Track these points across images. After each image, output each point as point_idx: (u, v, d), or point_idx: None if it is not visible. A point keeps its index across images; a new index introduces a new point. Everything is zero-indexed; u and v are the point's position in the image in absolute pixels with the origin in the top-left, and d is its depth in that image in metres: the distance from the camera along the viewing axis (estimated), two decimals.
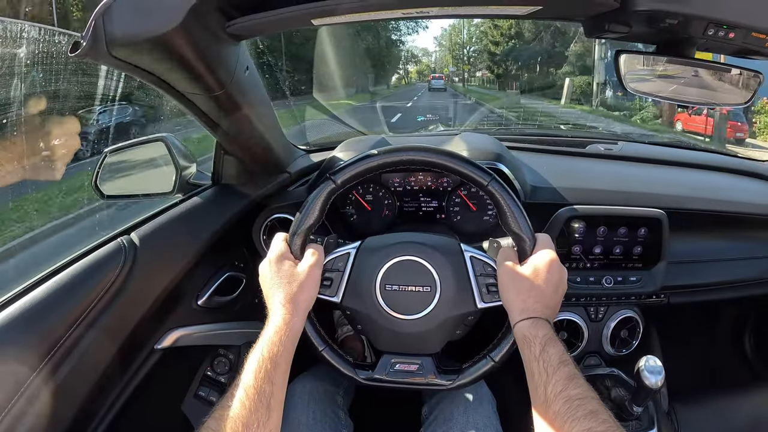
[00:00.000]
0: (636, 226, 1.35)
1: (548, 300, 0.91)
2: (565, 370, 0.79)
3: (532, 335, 0.85)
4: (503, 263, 0.95)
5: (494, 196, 0.97)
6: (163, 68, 0.86)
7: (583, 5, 0.86)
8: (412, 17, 0.94)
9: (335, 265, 1.01)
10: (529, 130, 2.06)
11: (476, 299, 0.98)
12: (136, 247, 1.10)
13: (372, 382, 1.01)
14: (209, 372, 1.37)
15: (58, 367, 0.91)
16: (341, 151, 1.45)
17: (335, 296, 1.00)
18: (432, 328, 0.98)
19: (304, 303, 0.94)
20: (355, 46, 47.91)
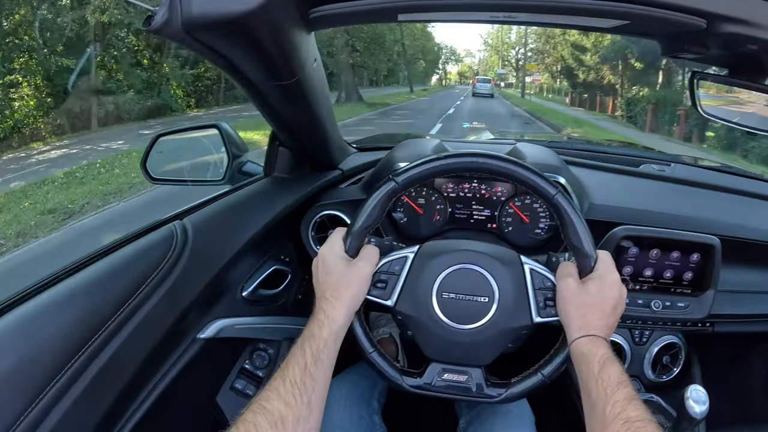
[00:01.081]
0: (689, 251, 1.33)
1: (607, 319, 0.89)
2: (624, 391, 0.77)
3: (591, 353, 0.84)
4: (563, 278, 0.93)
5: (559, 209, 0.94)
6: (237, 53, 0.85)
7: (670, 23, 0.83)
8: (499, 21, 0.92)
9: (391, 267, 0.99)
10: (580, 145, 2.03)
11: (533, 313, 0.95)
12: (187, 234, 1.08)
13: (419, 390, 0.98)
14: (247, 365, 1.35)
15: (102, 349, 0.90)
16: (399, 152, 1.43)
17: (389, 299, 0.97)
18: (485, 339, 0.96)
19: (351, 300, 0.92)
20: (388, 41, 47.96)
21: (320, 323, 0.87)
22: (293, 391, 0.78)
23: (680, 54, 1.02)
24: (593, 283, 0.91)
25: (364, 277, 0.94)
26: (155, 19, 0.71)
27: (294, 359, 0.82)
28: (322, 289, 0.93)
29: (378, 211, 0.96)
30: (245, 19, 0.71)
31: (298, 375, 0.80)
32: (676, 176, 1.66)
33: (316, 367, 0.82)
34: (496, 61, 64.19)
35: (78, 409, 0.83)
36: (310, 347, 0.84)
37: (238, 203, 1.24)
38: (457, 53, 77.85)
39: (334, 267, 0.93)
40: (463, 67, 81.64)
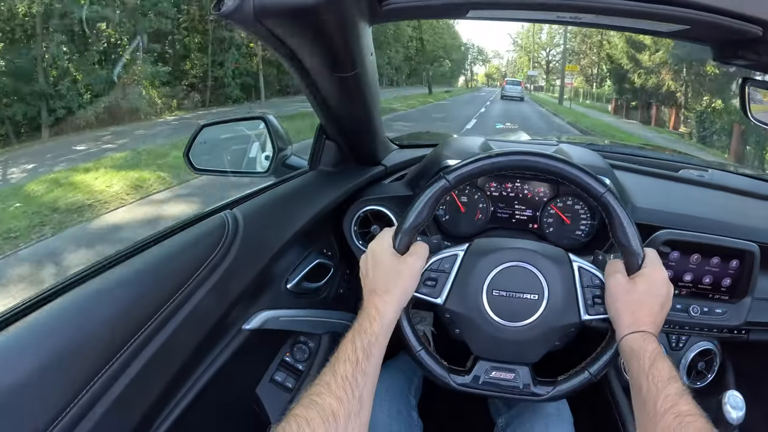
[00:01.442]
0: (729, 258, 1.33)
1: (655, 316, 0.90)
2: (675, 386, 0.77)
3: (641, 349, 0.84)
4: (612, 274, 0.94)
5: (608, 207, 0.95)
6: (302, 42, 0.85)
7: (727, 30, 0.84)
8: (565, 21, 0.92)
9: (441, 265, 0.99)
10: (619, 148, 2.03)
11: (581, 311, 0.96)
12: (238, 223, 1.09)
13: (466, 388, 0.99)
14: (288, 357, 1.35)
15: (154, 336, 0.90)
16: (446, 150, 1.43)
17: (438, 297, 0.98)
18: (534, 337, 0.96)
19: (401, 294, 0.92)
20: (404, 35, 46.71)
21: (371, 318, 0.88)
22: (344, 386, 0.78)
23: (732, 60, 1.03)
24: (642, 280, 0.91)
25: (415, 272, 0.94)
26: (226, 4, 0.70)
27: (345, 354, 0.82)
28: (372, 283, 0.93)
29: (428, 209, 0.97)
30: (317, 9, 0.72)
31: (349, 370, 0.80)
32: (715, 182, 1.66)
33: (367, 362, 0.82)
34: (526, 62, 61.37)
35: (127, 395, 0.84)
36: (361, 342, 0.84)
37: (286, 195, 1.25)
38: (484, 53, 74.67)
39: (384, 262, 0.94)
40: (490, 69, 78.44)
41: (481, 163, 0.97)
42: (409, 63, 45.23)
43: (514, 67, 71.94)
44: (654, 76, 23.60)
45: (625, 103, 28.51)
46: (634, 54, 24.72)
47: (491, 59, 79.79)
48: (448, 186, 0.97)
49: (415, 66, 52.10)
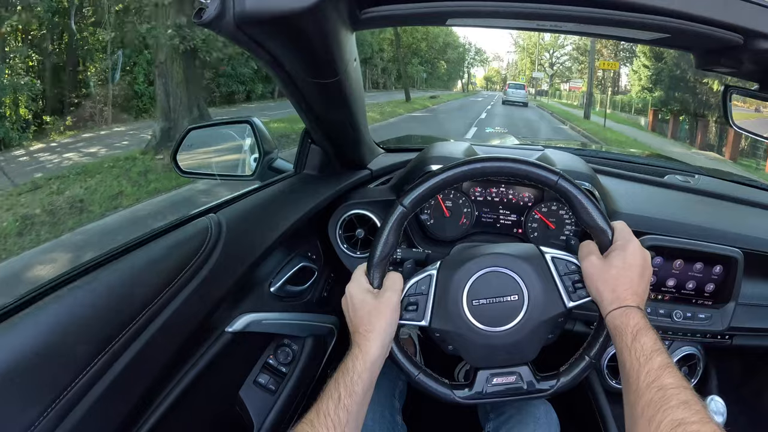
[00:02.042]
0: (712, 263, 1.34)
1: (636, 287, 0.90)
2: (658, 360, 0.77)
3: (623, 324, 0.84)
4: (586, 257, 0.95)
5: (565, 192, 0.96)
6: (284, 50, 0.85)
7: (708, 38, 0.85)
8: (546, 29, 0.93)
9: (419, 288, 1.00)
10: (606, 153, 2.04)
11: (564, 299, 0.96)
12: (221, 227, 1.09)
13: (472, 401, 0.99)
14: (271, 360, 1.36)
15: (134, 339, 0.90)
16: (431, 154, 1.44)
17: (423, 320, 0.98)
18: (525, 336, 0.97)
19: (383, 331, 0.93)
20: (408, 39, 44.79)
21: (354, 357, 0.89)
22: (326, 423, 0.79)
23: (714, 68, 1.04)
24: (615, 255, 0.92)
25: (394, 306, 0.95)
26: (207, 12, 0.71)
27: (328, 392, 0.84)
28: (355, 324, 0.94)
29: (393, 238, 0.97)
30: (298, 16, 0.72)
31: (331, 407, 0.81)
32: (700, 188, 1.66)
33: (350, 399, 0.83)
34: (528, 64, 57.28)
35: (107, 399, 0.84)
36: (344, 380, 0.85)
37: (270, 199, 1.25)
38: (482, 53, 68.06)
39: (363, 302, 0.95)
40: (490, 71, 73.33)
41: (431, 181, 0.98)
42: (397, 64, 41.94)
43: (515, 70, 67.03)
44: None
45: (673, 116, 21.39)
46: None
47: (491, 61, 73.99)
48: (406, 212, 0.98)
49: (406, 69, 44.95)
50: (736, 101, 1.15)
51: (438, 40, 52.63)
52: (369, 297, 0.95)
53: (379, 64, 37.63)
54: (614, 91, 39.22)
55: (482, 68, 73.26)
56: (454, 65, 58.82)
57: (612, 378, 1.44)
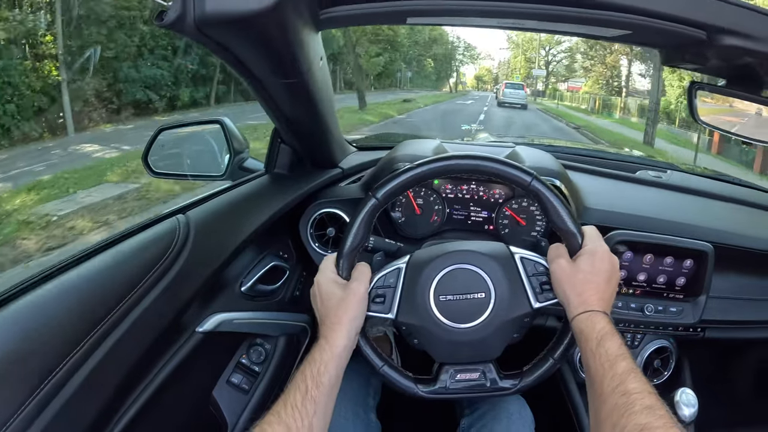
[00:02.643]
0: (682, 257, 1.35)
1: (602, 292, 0.90)
2: (622, 365, 0.78)
3: (588, 329, 0.85)
4: (554, 260, 0.95)
5: (537, 194, 0.96)
6: (246, 50, 0.85)
7: (671, 35, 0.85)
8: (508, 27, 0.93)
9: (386, 281, 1.00)
10: (579, 149, 2.04)
11: (531, 300, 0.97)
12: (189, 227, 1.09)
13: (435, 395, 0.99)
14: (244, 359, 1.36)
15: (102, 340, 0.90)
16: (400, 152, 1.44)
17: (389, 312, 0.99)
18: (490, 334, 0.97)
19: (350, 322, 0.93)
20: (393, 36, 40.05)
21: (321, 348, 0.89)
22: (294, 414, 0.79)
23: (680, 64, 1.05)
24: (584, 260, 0.93)
25: (361, 297, 0.95)
26: (168, 15, 0.71)
27: (295, 384, 0.84)
28: (322, 315, 0.95)
29: (363, 229, 0.98)
30: (258, 17, 0.72)
31: (299, 399, 0.81)
32: (672, 183, 1.68)
33: (317, 390, 0.83)
34: (522, 62, 52.96)
35: (76, 401, 0.84)
36: (311, 371, 0.85)
37: (240, 199, 1.25)
38: (472, 49, 60.90)
39: (331, 293, 0.95)
40: (481, 70, 67.94)
41: (405, 175, 0.98)
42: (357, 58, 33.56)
43: (507, 69, 61.25)
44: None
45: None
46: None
47: (482, 59, 67.99)
48: (378, 204, 0.98)
49: (388, 65, 41.56)
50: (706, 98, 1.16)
51: (423, 34, 47.14)
52: (337, 288, 0.96)
53: (352, 61, 32.15)
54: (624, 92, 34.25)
55: (473, 66, 65.91)
56: (441, 63, 53.43)
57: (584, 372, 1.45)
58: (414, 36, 45.49)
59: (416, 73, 51.42)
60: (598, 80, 37.80)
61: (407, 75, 47.63)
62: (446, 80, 53.70)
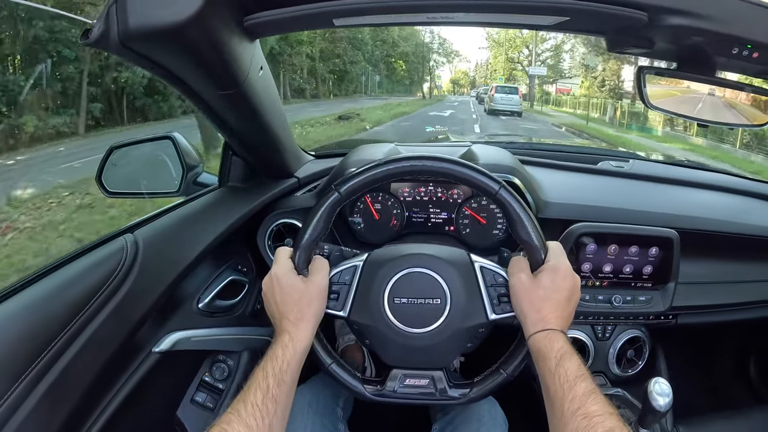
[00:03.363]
0: (647, 246, 1.34)
1: (562, 310, 0.89)
2: (582, 386, 0.76)
3: (547, 348, 0.83)
4: (515, 273, 0.93)
5: (504, 205, 0.94)
6: (176, 62, 0.84)
7: (611, 18, 0.84)
8: (437, 22, 0.92)
9: (342, 278, 0.99)
10: (540, 144, 2.04)
11: (487, 311, 0.95)
12: (138, 246, 1.08)
13: (382, 398, 0.98)
14: (207, 377, 1.34)
15: (53, 364, 0.89)
16: (351, 158, 1.43)
17: (342, 310, 0.97)
18: (443, 341, 0.96)
19: (313, 317, 0.92)
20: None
21: (284, 345, 0.87)
22: (254, 413, 0.78)
23: (627, 49, 1.03)
24: (545, 276, 0.91)
25: (323, 291, 0.94)
26: (92, 33, 0.71)
27: (256, 381, 0.82)
28: (283, 310, 0.92)
29: (323, 222, 0.96)
30: (180, 28, 0.71)
31: (259, 397, 0.80)
32: (634, 172, 1.68)
33: (278, 389, 0.82)
34: (503, 62, 47.90)
35: (31, 423, 0.83)
36: (273, 369, 0.84)
37: (191, 214, 1.23)
38: (446, 46, 51.96)
39: (292, 287, 0.93)
40: (457, 74, 63.78)
41: (371, 172, 0.96)
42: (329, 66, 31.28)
43: (486, 71, 56.07)
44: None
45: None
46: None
47: (457, 56, 64.58)
48: (340, 198, 0.96)
49: (346, 67, 35.01)
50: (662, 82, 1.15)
51: (390, 32, 39.54)
52: (298, 282, 0.93)
53: (303, 65, 29.15)
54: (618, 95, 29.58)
55: (450, 66, 59.67)
56: (414, 65, 46.54)
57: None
58: (380, 34, 39.21)
59: (386, 77, 45.95)
60: (604, 81, 31.43)
61: (375, 79, 41.69)
62: (420, 84, 47.60)
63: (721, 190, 1.68)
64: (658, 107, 1.17)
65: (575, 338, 1.42)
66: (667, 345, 1.57)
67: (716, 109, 1.13)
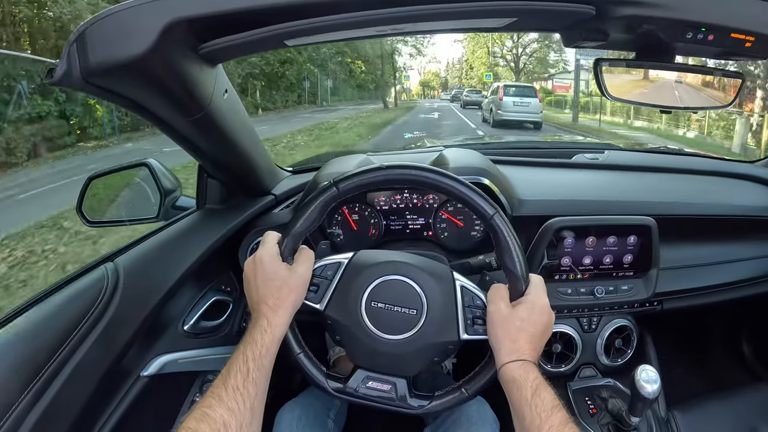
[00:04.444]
0: (625, 235, 1.35)
1: (536, 343, 0.91)
2: (558, 416, 0.79)
3: (522, 378, 0.85)
4: (494, 301, 0.95)
5: (496, 231, 0.95)
6: (139, 93, 0.86)
7: (559, 16, 0.85)
8: (387, 34, 0.93)
9: (324, 272, 1.00)
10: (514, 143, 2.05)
11: (460, 330, 0.97)
12: (118, 274, 1.09)
13: (341, 395, 0.99)
14: (198, 398, 1.35)
15: (39, 398, 0.90)
16: (324, 171, 1.44)
17: (319, 303, 0.99)
18: (411, 351, 0.97)
19: (291, 305, 0.93)
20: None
21: (263, 330, 0.89)
22: (236, 397, 0.79)
23: (582, 43, 1.04)
24: (524, 308, 0.92)
25: (305, 281, 0.96)
26: (56, 72, 0.73)
27: (236, 365, 0.83)
28: (263, 294, 0.93)
29: (316, 215, 0.97)
30: (139, 62, 0.73)
31: (240, 381, 0.81)
32: (609, 162, 1.69)
33: (258, 372, 0.83)
34: (483, 58, 41.58)
35: None
36: (252, 353, 0.85)
37: (171, 238, 1.24)
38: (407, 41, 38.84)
39: (275, 273, 0.94)
40: (427, 75, 58.93)
41: (372, 174, 0.98)
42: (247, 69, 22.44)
43: (461, 69, 49.70)
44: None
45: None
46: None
47: (427, 60, 55.37)
48: (337, 194, 0.97)
49: (282, 73, 26.65)
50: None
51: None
52: (282, 269, 0.94)
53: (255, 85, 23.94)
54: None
55: (418, 66, 52.74)
56: (373, 66, 36.83)
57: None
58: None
59: (344, 82, 37.06)
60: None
61: (326, 84, 32.82)
62: (385, 89, 36.45)
63: (696, 173, 1.70)
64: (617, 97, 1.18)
65: (562, 332, 1.43)
66: (654, 332, 1.58)
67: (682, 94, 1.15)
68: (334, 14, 0.81)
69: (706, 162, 1.82)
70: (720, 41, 0.87)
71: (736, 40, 0.87)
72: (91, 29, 0.72)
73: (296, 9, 0.78)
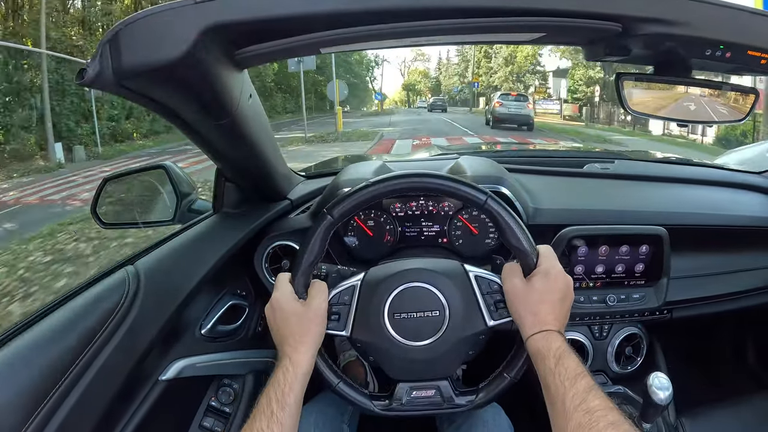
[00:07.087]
0: (637, 244, 1.37)
1: (557, 311, 0.91)
2: (582, 383, 0.79)
3: (545, 348, 0.86)
4: (509, 279, 0.96)
5: (492, 214, 0.97)
6: (171, 97, 0.86)
7: (586, 31, 0.86)
8: (420, 44, 0.94)
9: (341, 299, 1.01)
10: (527, 151, 2.07)
11: (486, 318, 0.98)
12: (139, 277, 1.09)
13: (390, 412, 1.00)
14: (214, 402, 1.35)
15: (61, 402, 0.90)
16: (343, 178, 1.45)
17: (344, 330, 0.99)
18: (445, 352, 0.98)
19: (312, 340, 0.94)
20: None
21: (285, 369, 0.90)
22: None
23: (603, 58, 1.05)
24: (538, 279, 0.93)
25: (322, 315, 0.96)
26: (88, 72, 0.72)
27: (260, 408, 0.85)
28: (283, 335, 0.94)
29: (318, 246, 0.98)
30: (174, 66, 0.73)
31: (264, 424, 0.82)
32: (619, 172, 1.71)
33: (282, 412, 0.84)
34: (480, 57, 39.70)
35: None
36: (275, 394, 0.86)
37: (189, 242, 1.24)
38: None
39: (292, 312, 0.95)
40: (411, 77, 49.94)
41: (360, 193, 0.99)
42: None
43: (453, 71, 44.09)
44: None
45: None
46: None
47: (413, 61, 48.43)
48: (333, 221, 0.98)
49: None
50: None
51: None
52: (297, 306, 0.95)
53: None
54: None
55: (402, 66, 43.70)
56: (351, 68, 33.30)
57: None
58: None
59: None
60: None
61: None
62: (367, 98, 28.93)
63: (706, 184, 1.72)
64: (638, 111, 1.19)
65: (574, 339, 1.44)
66: (664, 340, 1.60)
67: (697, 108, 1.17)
68: (374, 24, 0.81)
69: (715, 172, 1.84)
70: (736, 58, 0.88)
71: (752, 57, 0.89)
72: (125, 30, 0.71)
73: (336, 18, 0.78)
